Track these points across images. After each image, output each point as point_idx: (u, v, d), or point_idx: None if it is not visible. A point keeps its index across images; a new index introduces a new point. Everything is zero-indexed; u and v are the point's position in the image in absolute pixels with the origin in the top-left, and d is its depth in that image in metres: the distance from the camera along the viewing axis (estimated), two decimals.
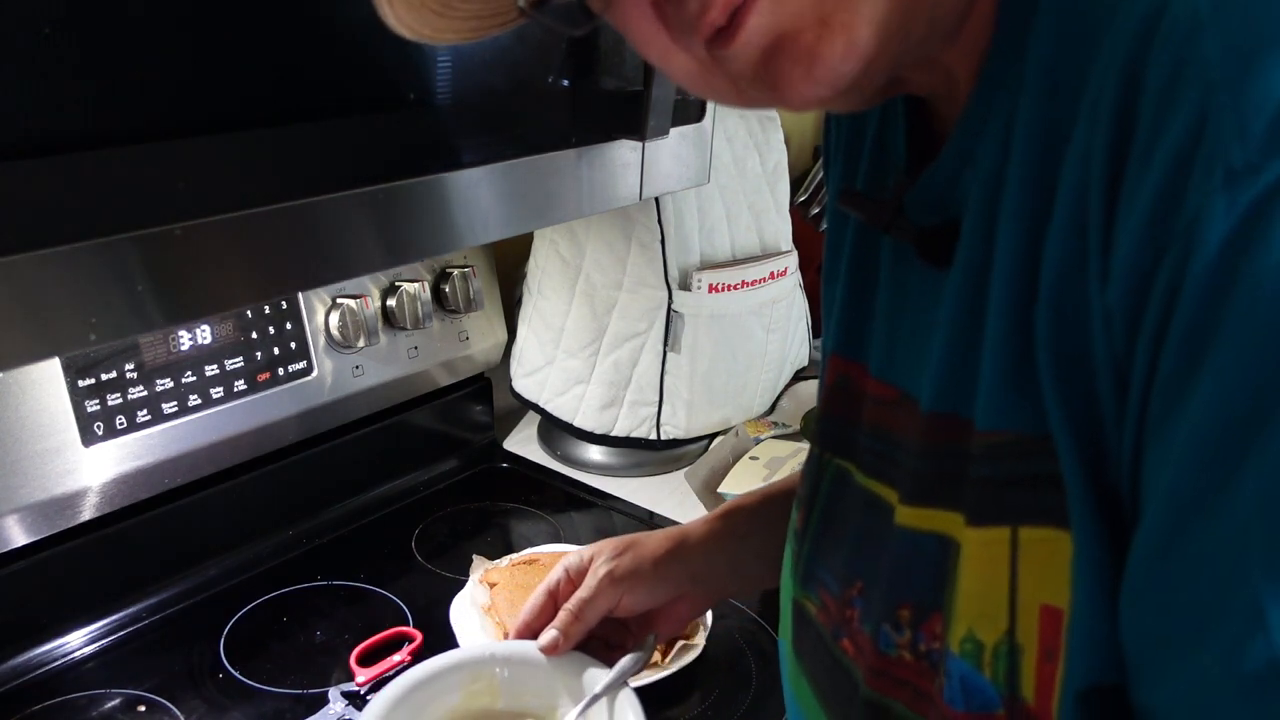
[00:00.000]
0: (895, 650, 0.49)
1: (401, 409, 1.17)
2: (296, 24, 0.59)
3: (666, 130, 0.82)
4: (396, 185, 0.67)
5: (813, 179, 1.64)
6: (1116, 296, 0.35)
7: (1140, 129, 0.34)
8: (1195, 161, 0.32)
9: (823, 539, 0.58)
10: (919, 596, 0.48)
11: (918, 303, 0.50)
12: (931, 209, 0.47)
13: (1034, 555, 0.41)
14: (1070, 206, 0.37)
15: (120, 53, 0.52)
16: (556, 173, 0.79)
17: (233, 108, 0.57)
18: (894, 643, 0.50)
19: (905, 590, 0.49)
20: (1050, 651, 0.41)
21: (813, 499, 0.59)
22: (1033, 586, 0.42)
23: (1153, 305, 0.34)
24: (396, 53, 0.65)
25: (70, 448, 0.85)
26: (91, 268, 0.53)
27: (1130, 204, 0.34)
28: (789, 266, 1.28)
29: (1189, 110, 0.32)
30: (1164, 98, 0.33)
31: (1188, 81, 0.32)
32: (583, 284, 1.20)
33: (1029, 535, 0.41)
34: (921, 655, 0.48)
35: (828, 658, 0.56)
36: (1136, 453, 0.37)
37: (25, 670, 0.88)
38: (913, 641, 0.49)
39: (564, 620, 0.70)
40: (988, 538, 0.43)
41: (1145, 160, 0.33)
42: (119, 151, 0.53)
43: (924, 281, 0.49)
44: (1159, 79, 0.33)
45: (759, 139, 1.26)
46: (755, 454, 1.21)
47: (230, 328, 0.96)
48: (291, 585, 1.01)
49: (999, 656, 0.43)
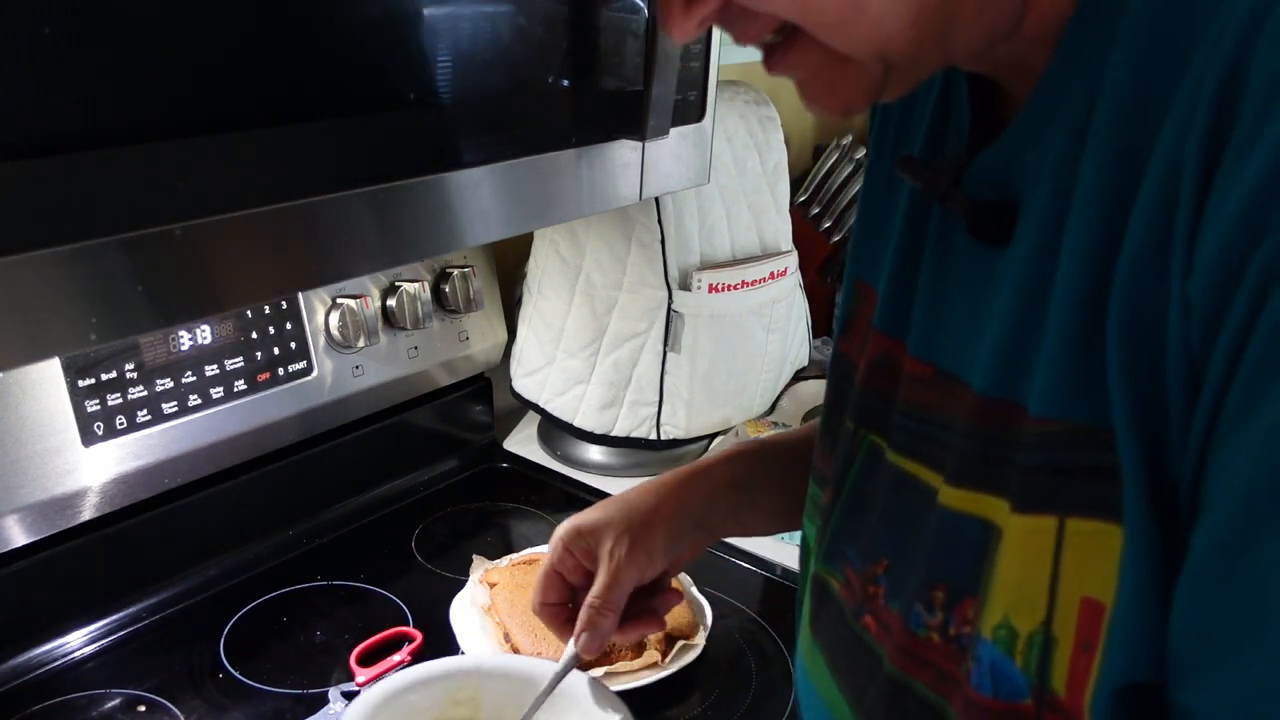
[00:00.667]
0: (925, 631, 0.49)
1: (401, 409, 1.17)
2: (296, 23, 0.59)
3: (666, 130, 0.82)
4: (396, 185, 0.67)
5: (813, 179, 1.64)
6: (1200, 288, 0.35)
7: (1242, 120, 0.33)
8: None
9: (850, 516, 0.58)
10: (955, 579, 0.48)
11: (962, 281, 0.50)
12: (989, 185, 0.47)
13: (1080, 547, 0.41)
14: (1157, 194, 0.37)
15: (120, 53, 0.52)
16: (556, 173, 0.79)
17: (232, 107, 0.57)
18: (925, 623, 0.49)
19: (942, 571, 0.49)
20: (1087, 644, 0.41)
21: (843, 475, 0.59)
22: (1075, 578, 0.41)
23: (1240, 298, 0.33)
24: (396, 52, 0.65)
25: (70, 448, 0.85)
26: (91, 268, 0.53)
27: (1225, 195, 0.34)
28: (789, 266, 1.28)
29: None
30: (1270, 91, 0.33)
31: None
32: (583, 284, 1.20)
33: (1076, 526, 0.41)
34: (951, 638, 0.48)
35: (848, 634, 0.56)
36: (1205, 447, 0.36)
37: (25, 670, 0.88)
38: (944, 624, 0.48)
39: (597, 619, 0.71)
40: (1033, 526, 0.43)
41: (1245, 152, 0.33)
42: (119, 151, 0.53)
43: (971, 260, 0.49)
44: (1266, 71, 0.33)
45: (759, 139, 1.26)
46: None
47: (230, 328, 0.96)
48: (291, 585, 1.01)
49: (1033, 646, 0.43)
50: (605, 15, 0.75)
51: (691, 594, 0.96)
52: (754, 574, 1.07)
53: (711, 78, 0.89)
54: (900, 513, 0.53)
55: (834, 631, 0.58)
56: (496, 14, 0.70)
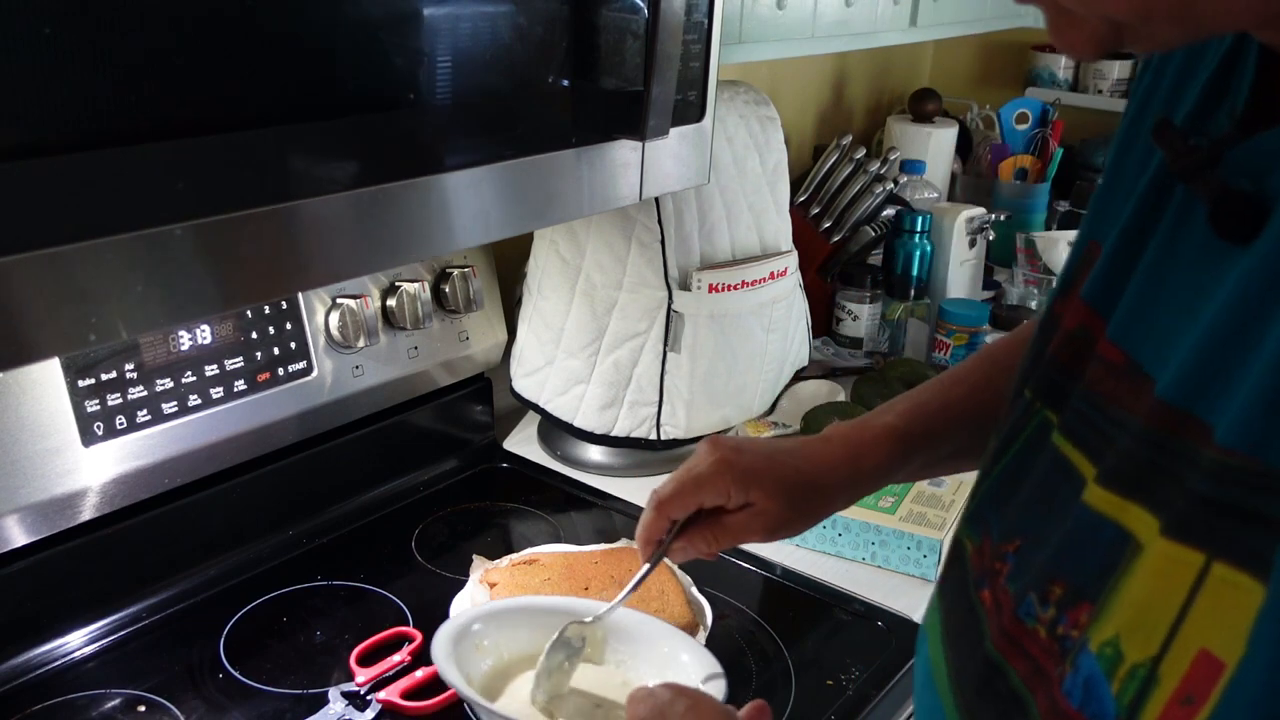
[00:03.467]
0: (1034, 622, 0.48)
1: (401, 409, 1.17)
2: (296, 24, 0.59)
3: (666, 130, 0.82)
4: (396, 185, 0.67)
5: (813, 179, 1.64)
6: None
7: None
8: None
9: (1002, 485, 0.56)
10: (1078, 580, 0.45)
11: (1186, 273, 0.46)
12: (1248, 174, 0.42)
13: (1218, 594, 0.38)
14: None
15: (120, 53, 0.52)
16: (556, 173, 0.79)
17: (232, 108, 0.57)
18: (1035, 615, 0.48)
19: (1065, 568, 0.47)
20: (1189, 699, 0.38)
21: (1009, 443, 0.57)
22: (1201, 625, 0.39)
23: None
24: (396, 53, 0.65)
25: (70, 448, 0.85)
26: (91, 268, 0.53)
27: None
28: (789, 266, 1.28)
29: None
30: None
31: None
32: (583, 284, 1.20)
33: (1223, 572, 0.38)
34: (1057, 637, 0.46)
35: (965, 601, 0.55)
36: None
37: (25, 670, 0.88)
38: (1054, 620, 0.46)
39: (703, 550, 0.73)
40: (1178, 555, 0.40)
41: None
42: (119, 151, 0.53)
43: (1204, 252, 0.45)
44: None
45: (759, 139, 1.26)
46: None
47: (230, 328, 0.96)
48: (291, 585, 1.01)
49: (1134, 677, 0.41)
50: (605, 15, 0.75)
51: (691, 594, 0.96)
52: (754, 574, 1.07)
53: (711, 78, 0.89)
54: (1047, 497, 0.51)
55: (955, 596, 0.57)
56: (496, 14, 0.70)
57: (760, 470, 0.70)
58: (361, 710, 0.84)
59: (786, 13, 1.14)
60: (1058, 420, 0.52)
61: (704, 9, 0.85)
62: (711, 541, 0.72)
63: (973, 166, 2.09)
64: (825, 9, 1.21)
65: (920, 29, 1.43)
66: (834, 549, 1.10)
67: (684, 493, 0.70)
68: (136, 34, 0.52)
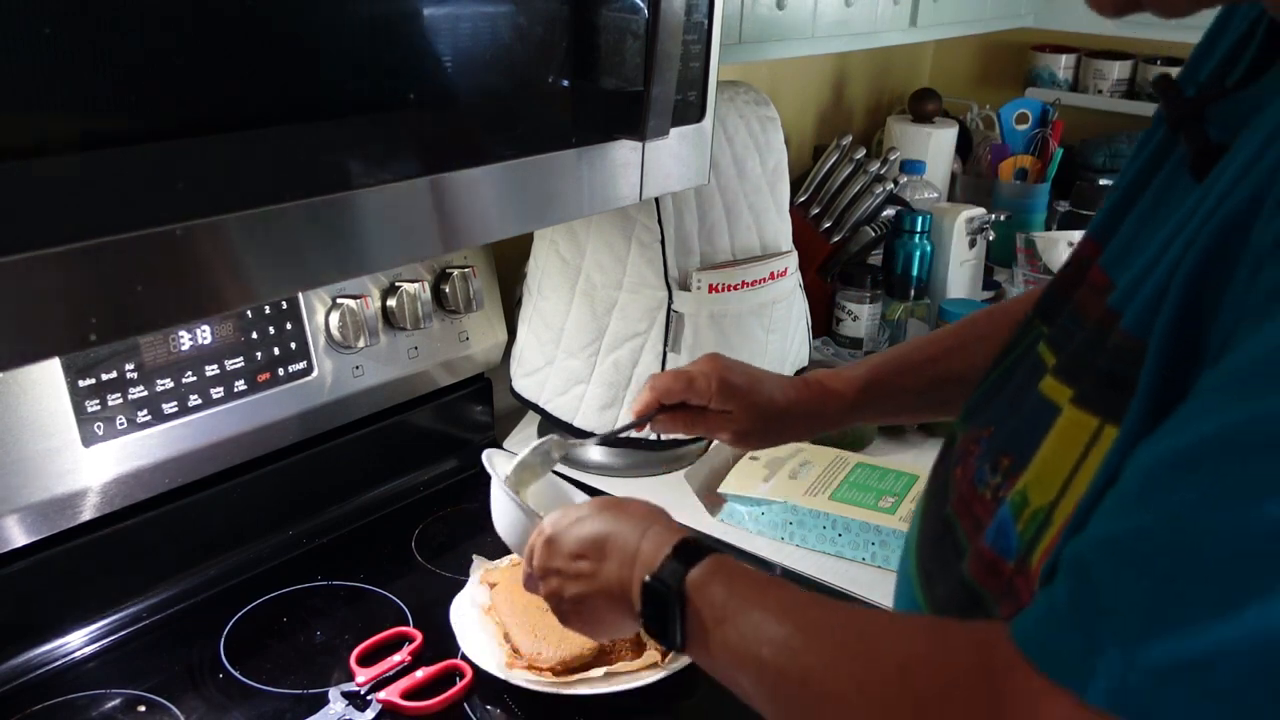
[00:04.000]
0: (983, 488, 0.56)
1: (401, 409, 1.17)
2: (297, 24, 0.59)
3: (666, 130, 0.82)
4: (397, 185, 0.67)
5: (813, 179, 1.64)
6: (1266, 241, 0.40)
7: None
8: None
9: (997, 388, 0.64)
10: (1022, 452, 0.53)
11: (1167, 210, 0.52)
12: (1227, 127, 0.49)
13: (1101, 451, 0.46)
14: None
15: (120, 53, 0.52)
16: (556, 173, 0.79)
17: (232, 108, 0.57)
18: (986, 482, 0.56)
19: (1014, 443, 0.55)
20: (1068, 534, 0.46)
21: (1008, 353, 0.65)
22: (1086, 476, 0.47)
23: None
24: (396, 53, 0.65)
25: (70, 448, 0.85)
26: (91, 268, 0.53)
27: None
28: (789, 267, 1.28)
29: None
30: None
31: None
32: (583, 284, 1.20)
33: (1110, 432, 0.47)
34: (999, 500, 0.54)
35: (943, 478, 0.64)
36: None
37: (25, 670, 0.88)
38: (998, 486, 0.55)
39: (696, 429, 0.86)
40: (1081, 420, 0.49)
41: None
42: (119, 151, 0.53)
43: (1182, 194, 0.51)
44: None
45: (759, 139, 1.26)
46: (755, 454, 1.21)
47: (230, 328, 0.96)
48: (291, 585, 1.01)
49: (1034, 519, 0.50)
50: (605, 15, 0.75)
51: None
52: None
53: (711, 78, 0.89)
54: (1021, 392, 0.59)
55: (937, 476, 0.66)
56: (496, 14, 0.70)
57: (743, 389, 0.82)
58: (361, 710, 0.84)
59: (786, 13, 1.14)
60: (1047, 332, 0.60)
61: (704, 9, 0.85)
62: (688, 426, 0.85)
63: (973, 167, 2.09)
64: (825, 9, 1.21)
65: (920, 29, 1.43)
66: (834, 549, 1.10)
67: (676, 386, 0.83)
68: (136, 34, 0.52)
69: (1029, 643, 0.43)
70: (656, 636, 0.64)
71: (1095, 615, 0.40)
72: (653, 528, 0.67)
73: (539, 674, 0.85)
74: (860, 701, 0.50)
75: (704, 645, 0.60)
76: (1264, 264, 0.40)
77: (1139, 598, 0.39)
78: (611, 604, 0.67)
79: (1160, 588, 0.39)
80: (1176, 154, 0.54)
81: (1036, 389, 0.55)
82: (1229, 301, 0.42)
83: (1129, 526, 0.41)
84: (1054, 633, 0.42)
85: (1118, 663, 0.39)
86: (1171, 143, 0.56)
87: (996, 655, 0.44)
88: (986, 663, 0.45)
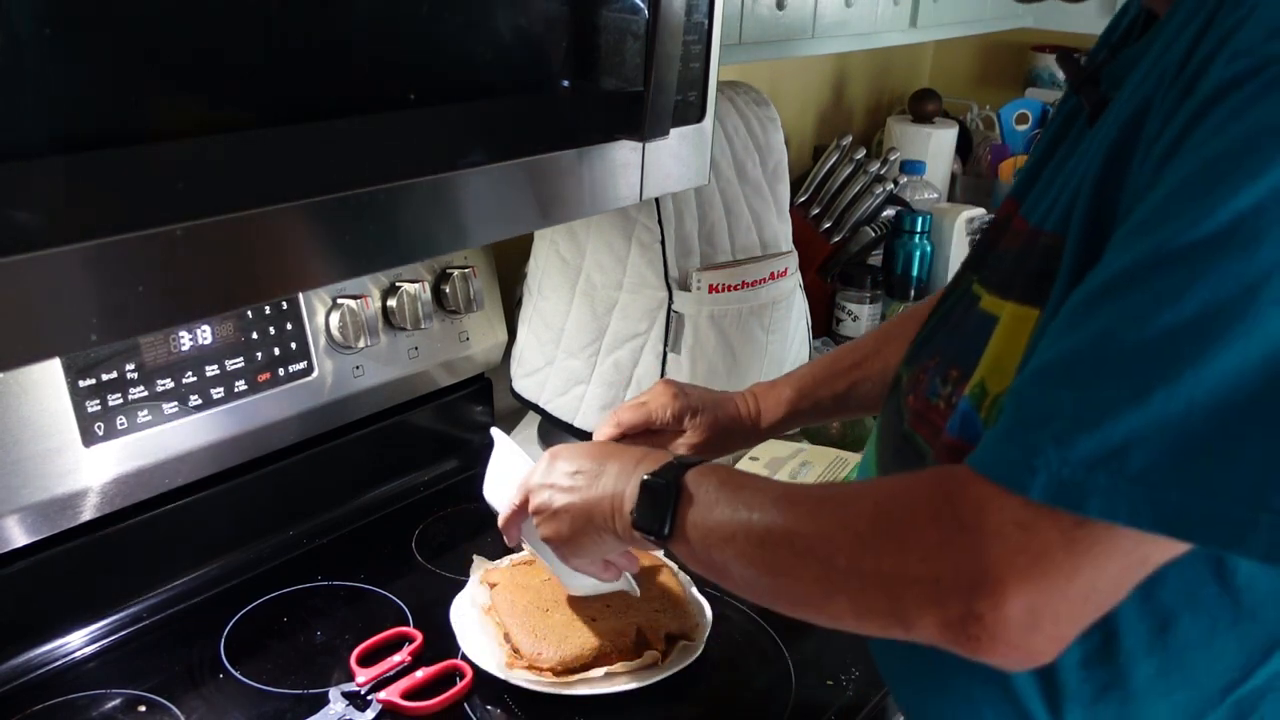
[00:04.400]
0: (936, 398, 0.65)
1: (401, 409, 1.17)
2: (297, 25, 0.59)
3: (666, 130, 0.82)
4: (397, 186, 0.67)
5: (813, 179, 1.64)
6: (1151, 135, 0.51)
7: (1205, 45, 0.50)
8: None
9: (936, 330, 0.72)
10: (968, 362, 0.62)
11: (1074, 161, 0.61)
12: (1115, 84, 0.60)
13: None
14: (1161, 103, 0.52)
15: (120, 54, 0.52)
16: (556, 173, 0.79)
17: (232, 109, 0.57)
18: (938, 393, 0.65)
19: (962, 356, 0.63)
20: None
21: (943, 303, 0.73)
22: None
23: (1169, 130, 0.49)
24: (395, 54, 0.65)
25: (70, 448, 0.85)
26: (91, 268, 0.53)
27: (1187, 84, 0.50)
28: (789, 267, 1.28)
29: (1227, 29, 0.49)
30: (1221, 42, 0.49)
31: (1237, 35, 0.48)
32: (583, 284, 1.20)
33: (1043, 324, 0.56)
34: (951, 406, 0.63)
35: (895, 406, 0.72)
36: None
37: (25, 670, 0.88)
38: (950, 395, 0.63)
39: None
40: (1022, 314, 0.59)
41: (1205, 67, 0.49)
42: (119, 151, 0.53)
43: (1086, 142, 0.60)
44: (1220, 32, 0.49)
45: (759, 139, 1.26)
46: (755, 454, 1.21)
47: (230, 328, 0.96)
48: (291, 585, 1.01)
49: (995, 405, 0.58)
50: (605, 15, 0.75)
51: (691, 594, 0.96)
52: None
53: (711, 78, 0.89)
54: (960, 321, 0.67)
55: (889, 407, 0.74)
56: (496, 14, 0.70)
57: (697, 409, 0.91)
58: (362, 710, 0.84)
59: (786, 13, 1.14)
60: (978, 277, 0.68)
61: (704, 9, 0.85)
62: (650, 444, 0.90)
63: (973, 167, 2.09)
64: (825, 9, 1.21)
65: (920, 29, 1.43)
66: None
67: (637, 419, 0.90)
68: (137, 34, 0.52)
69: (979, 463, 0.51)
70: (644, 529, 0.68)
71: (1034, 428, 0.49)
72: (654, 453, 0.73)
73: (539, 674, 0.85)
74: (844, 538, 0.57)
75: (694, 529, 0.65)
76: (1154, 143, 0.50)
77: (1068, 405, 0.48)
78: (595, 516, 0.73)
79: (1085, 394, 0.47)
80: (1081, 117, 0.64)
81: (976, 309, 0.64)
82: (1128, 186, 0.52)
83: (1057, 351, 0.50)
84: (999, 450, 0.50)
85: (1054, 461, 0.47)
86: (1077, 108, 0.65)
87: (953, 478, 0.52)
88: (945, 486, 0.53)
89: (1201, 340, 0.45)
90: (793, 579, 0.60)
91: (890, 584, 0.54)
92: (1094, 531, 0.47)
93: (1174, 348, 0.45)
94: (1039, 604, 0.49)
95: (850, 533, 0.57)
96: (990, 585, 0.49)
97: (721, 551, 0.63)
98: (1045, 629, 0.50)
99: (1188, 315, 0.45)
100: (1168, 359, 0.45)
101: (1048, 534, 0.48)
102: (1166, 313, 0.45)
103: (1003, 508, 0.49)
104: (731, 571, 0.64)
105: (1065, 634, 0.51)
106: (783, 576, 0.60)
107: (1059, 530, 0.48)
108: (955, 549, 0.51)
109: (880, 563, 0.55)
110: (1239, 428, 0.45)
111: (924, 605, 0.52)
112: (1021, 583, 0.49)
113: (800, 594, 0.61)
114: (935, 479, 0.54)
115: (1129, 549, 0.48)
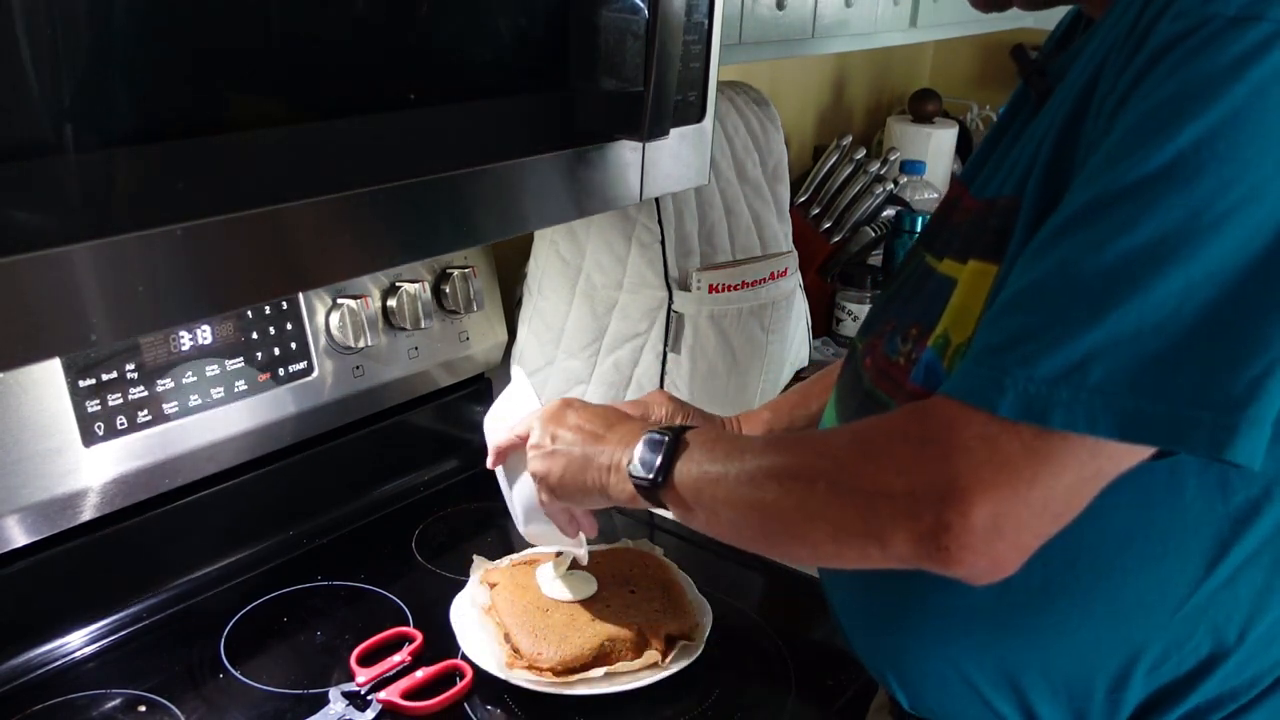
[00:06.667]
0: (896, 355, 0.68)
1: (401, 409, 1.17)
2: (296, 25, 0.59)
3: (667, 130, 0.82)
4: (397, 186, 0.67)
5: (813, 179, 1.64)
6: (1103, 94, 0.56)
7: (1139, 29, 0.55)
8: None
9: (889, 302, 0.75)
10: (928, 319, 0.66)
11: (1022, 143, 0.65)
12: (1059, 76, 0.64)
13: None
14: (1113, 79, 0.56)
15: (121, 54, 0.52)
16: (556, 173, 0.79)
17: (232, 108, 0.57)
18: (898, 350, 0.68)
19: (921, 315, 0.67)
20: None
21: (896, 277, 0.77)
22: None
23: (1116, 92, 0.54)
24: (395, 53, 0.65)
25: (70, 448, 0.85)
26: (91, 268, 0.53)
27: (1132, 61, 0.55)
28: (789, 267, 1.28)
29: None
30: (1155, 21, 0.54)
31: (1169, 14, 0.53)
32: (583, 284, 1.20)
33: (1004, 273, 0.60)
34: (912, 361, 0.66)
35: (852, 369, 0.76)
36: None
37: (25, 670, 0.88)
38: (910, 351, 0.67)
39: None
40: (982, 269, 0.62)
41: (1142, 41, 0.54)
42: (120, 151, 0.53)
43: (1035, 123, 0.64)
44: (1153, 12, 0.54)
45: (759, 139, 1.26)
46: None
47: (230, 328, 0.96)
48: (291, 585, 1.01)
49: (958, 353, 0.62)
50: (605, 15, 0.75)
51: (692, 594, 0.96)
52: (754, 574, 1.07)
53: (711, 78, 0.89)
54: (915, 288, 0.71)
55: (846, 374, 0.77)
56: (495, 14, 0.70)
57: (689, 413, 0.91)
58: (362, 710, 0.84)
59: (786, 13, 1.14)
60: (930, 252, 0.72)
61: (704, 9, 0.85)
62: None
63: None
64: (825, 9, 1.21)
65: (920, 29, 1.43)
66: None
67: (634, 410, 0.89)
68: (138, 35, 0.52)
69: (952, 389, 0.55)
70: (639, 477, 0.70)
71: (1002, 351, 0.53)
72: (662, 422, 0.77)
73: (539, 674, 0.85)
74: (824, 464, 0.61)
75: (685, 475, 0.68)
76: (1106, 99, 0.55)
77: (1034, 328, 0.52)
78: (590, 469, 0.75)
79: (1049, 318, 0.52)
80: (1028, 104, 0.69)
81: (934, 275, 0.68)
82: (1083, 142, 0.57)
83: (1023, 282, 0.54)
84: (971, 375, 0.54)
85: (1021, 380, 0.52)
86: (1023, 97, 0.71)
87: (927, 403, 0.57)
88: (919, 412, 0.57)
89: (1152, 263, 0.50)
90: (776, 511, 0.63)
91: (868, 501, 0.58)
92: (1051, 442, 0.52)
93: (1128, 271, 0.50)
94: (1002, 511, 0.53)
95: (829, 458, 0.61)
96: (958, 494, 0.53)
97: (711, 493, 0.67)
98: (1008, 536, 0.54)
99: (1139, 243, 0.50)
100: (1122, 282, 0.50)
101: (1010, 445, 0.52)
102: (1121, 241, 0.51)
103: (969, 423, 0.53)
104: (719, 514, 0.67)
105: (1027, 543, 0.54)
106: (768, 511, 0.64)
107: (1020, 442, 0.52)
108: (926, 462, 0.55)
109: (859, 481, 0.59)
110: (1184, 339, 0.50)
111: (898, 519, 0.56)
112: (986, 491, 0.53)
113: (783, 527, 0.64)
114: (910, 408, 0.59)
115: (1085, 459, 0.52)
